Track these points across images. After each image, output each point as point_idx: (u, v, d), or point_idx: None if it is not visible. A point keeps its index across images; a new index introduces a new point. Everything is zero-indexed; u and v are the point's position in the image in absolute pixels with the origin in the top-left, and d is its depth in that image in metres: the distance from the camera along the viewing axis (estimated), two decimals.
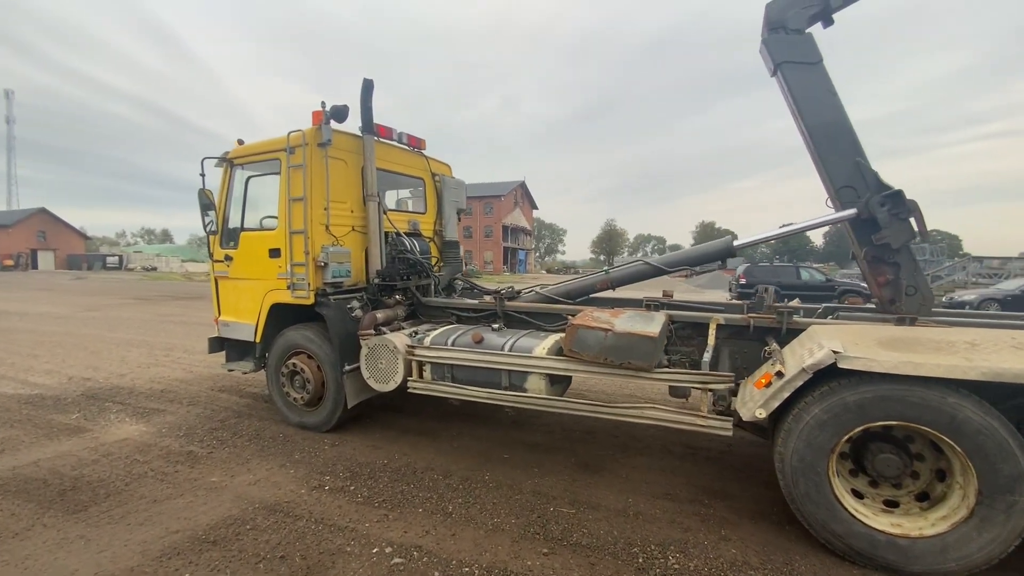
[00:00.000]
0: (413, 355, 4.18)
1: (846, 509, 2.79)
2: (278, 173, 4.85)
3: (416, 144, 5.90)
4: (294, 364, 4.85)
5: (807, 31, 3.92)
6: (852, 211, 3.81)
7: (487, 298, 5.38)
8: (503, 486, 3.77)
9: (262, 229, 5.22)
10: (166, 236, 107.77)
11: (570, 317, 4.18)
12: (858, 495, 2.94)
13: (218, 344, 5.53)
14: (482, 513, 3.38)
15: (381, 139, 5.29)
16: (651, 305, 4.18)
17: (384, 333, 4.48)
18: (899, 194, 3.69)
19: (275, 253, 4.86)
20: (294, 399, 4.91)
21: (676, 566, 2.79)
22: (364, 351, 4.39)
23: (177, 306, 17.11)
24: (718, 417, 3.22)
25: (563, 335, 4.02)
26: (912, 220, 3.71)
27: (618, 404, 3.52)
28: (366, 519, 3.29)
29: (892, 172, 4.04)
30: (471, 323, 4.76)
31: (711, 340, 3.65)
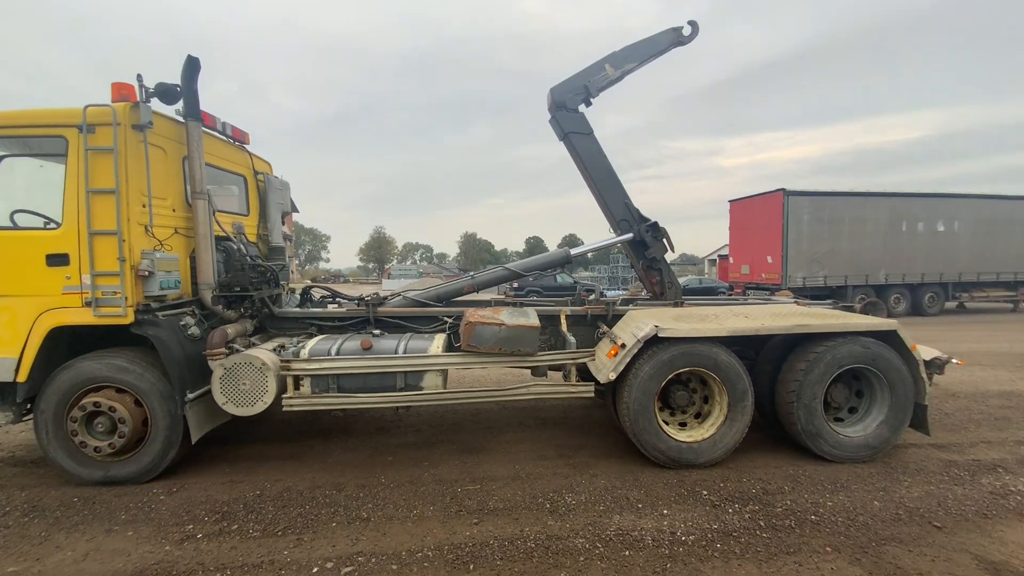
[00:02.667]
0: (290, 370, 3.87)
1: (665, 432, 4.12)
2: (62, 155, 3.71)
3: (239, 137, 5.25)
4: (96, 403, 3.75)
5: (580, 111, 5.40)
6: (631, 235, 5.47)
7: (332, 305, 5.27)
8: (404, 484, 3.92)
9: (16, 228, 3.85)
10: None
11: (447, 319, 4.62)
12: (665, 423, 4.34)
13: None
14: (400, 510, 3.50)
15: (205, 128, 4.57)
16: (517, 304, 4.96)
17: (239, 350, 3.96)
18: (656, 224, 5.49)
19: (58, 260, 3.68)
20: (96, 449, 3.78)
21: (573, 502, 3.60)
22: (219, 373, 3.80)
23: None
24: (584, 384, 4.21)
25: (445, 335, 4.45)
26: (665, 240, 5.55)
27: (508, 387, 4.16)
28: (279, 548, 3.02)
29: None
30: (335, 332, 4.61)
31: (564, 327, 4.65)
